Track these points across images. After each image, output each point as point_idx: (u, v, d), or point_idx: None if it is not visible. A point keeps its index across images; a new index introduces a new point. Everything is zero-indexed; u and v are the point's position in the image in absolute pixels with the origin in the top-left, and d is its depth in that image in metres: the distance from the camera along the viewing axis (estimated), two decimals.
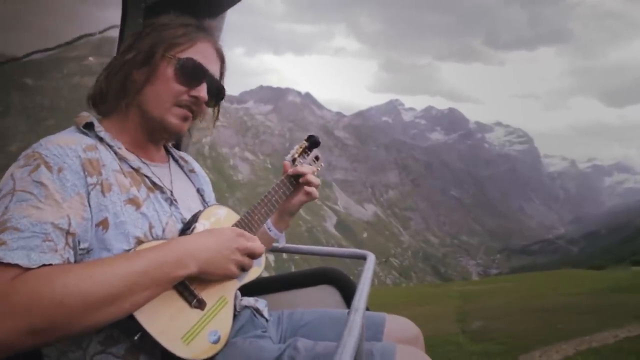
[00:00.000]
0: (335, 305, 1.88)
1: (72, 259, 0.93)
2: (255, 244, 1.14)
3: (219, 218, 1.21)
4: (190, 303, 1.02)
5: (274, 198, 1.37)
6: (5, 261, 0.82)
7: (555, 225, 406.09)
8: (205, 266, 1.02)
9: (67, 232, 0.92)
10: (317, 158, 1.56)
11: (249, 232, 1.20)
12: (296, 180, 1.45)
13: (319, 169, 1.56)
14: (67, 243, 0.92)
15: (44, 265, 0.86)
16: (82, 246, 0.96)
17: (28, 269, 0.84)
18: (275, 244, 1.57)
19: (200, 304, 1.03)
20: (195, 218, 1.15)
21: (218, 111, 1.29)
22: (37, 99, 1.99)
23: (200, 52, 1.16)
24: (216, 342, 1.04)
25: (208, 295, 1.06)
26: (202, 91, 1.16)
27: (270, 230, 1.48)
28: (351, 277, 1.95)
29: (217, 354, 1.05)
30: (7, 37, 1.61)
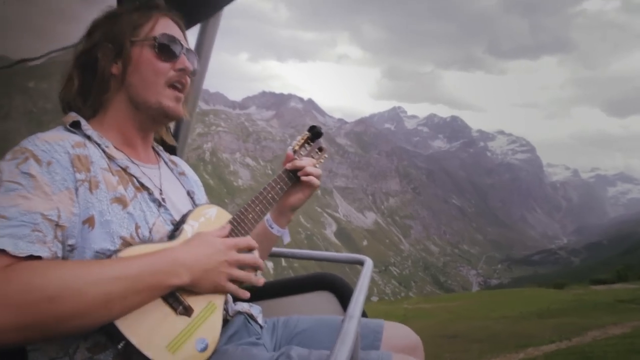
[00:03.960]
0: (332, 311, 1.84)
1: (59, 254, 0.91)
2: (247, 256, 1.11)
3: (209, 218, 1.16)
4: (175, 310, 0.98)
5: (269, 195, 1.31)
6: None
7: (558, 235, 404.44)
8: (197, 278, 1.00)
9: (57, 225, 0.90)
10: (320, 149, 1.51)
11: (241, 232, 1.18)
12: (295, 175, 1.40)
13: (323, 160, 1.51)
14: (55, 236, 0.90)
15: (32, 256, 0.84)
16: (69, 242, 0.94)
17: (16, 258, 0.83)
18: (273, 249, 1.48)
19: (187, 311, 1.00)
20: (183, 219, 1.12)
21: (195, 84, 1.22)
22: (39, 103, 1.96)
23: (164, 26, 1.15)
24: (204, 350, 1.00)
25: (195, 301, 1.02)
26: (185, 61, 1.16)
27: (272, 228, 1.42)
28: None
29: None
30: (12, 39, 1.60)
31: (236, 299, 1.24)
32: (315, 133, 1.48)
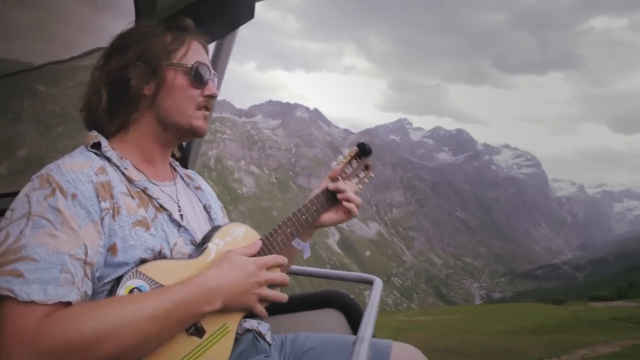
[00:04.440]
0: (340, 329, 1.82)
1: (89, 292, 0.92)
2: (276, 275, 1.12)
3: (236, 237, 1.16)
4: (187, 330, 0.98)
5: (304, 217, 1.29)
6: (24, 299, 0.81)
7: (562, 250, 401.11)
8: (228, 302, 1.02)
9: (85, 262, 0.91)
10: (367, 167, 1.46)
11: (268, 254, 1.17)
12: (334, 195, 1.36)
13: (367, 180, 1.47)
14: (85, 274, 0.90)
15: (62, 302, 0.84)
16: (97, 275, 0.95)
17: (47, 305, 0.83)
18: (291, 268, 1.46)
19: (199, 332, 1.00)
20: (208, 237, 1.13)
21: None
22: (48, 106, 1.98)
23: (196, 52, 1.18)
24: None
25: (209, 323, 1.02)
26: (213, 88, 1.20)
27: (293, 240, 1.37)
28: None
29: None
30: (25, 46, 1.61)
31: (249, 316, 1.22)
32: (363, 150, 1.42)
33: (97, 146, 1.09)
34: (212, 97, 1.20)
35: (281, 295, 1.14)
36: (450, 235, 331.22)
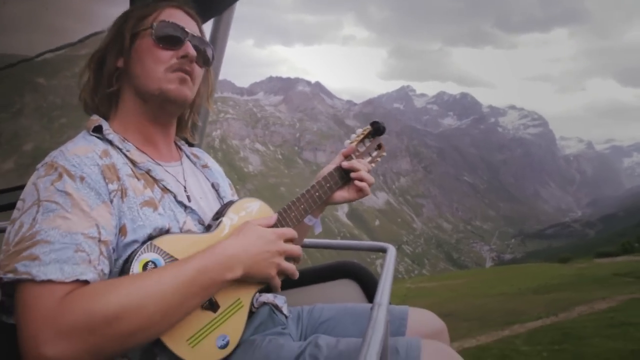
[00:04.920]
0: (355, 299, 1.85)
1: (106, 270, 0.91)
2: (293, 246, 1.13)
3: (250, 212, 1.16)
4: (202, 305, 0.98)
5: (317, 193, 1.30)
6: (41, 279, 0.81)
7: (572, 208, 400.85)
8: (249, 269, 1.02)
9: (99, 240, 0.91)
10: (379, 146, 1.47)
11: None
12: (347, 174, 1.36)
13: (380, 159, 1.48)
14: (101, 252, 0.90)
15: (79, 280, 0.84)
16: (114, 256, 0.95)
17: (67, 283, 0.83)
18: (313, 229, 1.45)
19: (213, 306, 1.00)
20: (223, 211, 1.13)
21: (211, 76, 1.28)
22: (49, 98, 1.96)
23: (169, 15, 1.13)
24: (224, 347, 1.00)
25: (223, 297, 1.02)
26: (188, 48, 1.12)
27: (306, 217, 1.37)
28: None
29: (223, 359, 1.01)
30: (19, 37, 1.60)
31: (264, 290, 1.20)
32: (376, 129, 1.42)
33: (98, 130, 1.09)
34: (187, 57, 1.12)
35: (295, 271, 1.15)
36: (459, 200, 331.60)
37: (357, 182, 1.36)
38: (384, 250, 1.61)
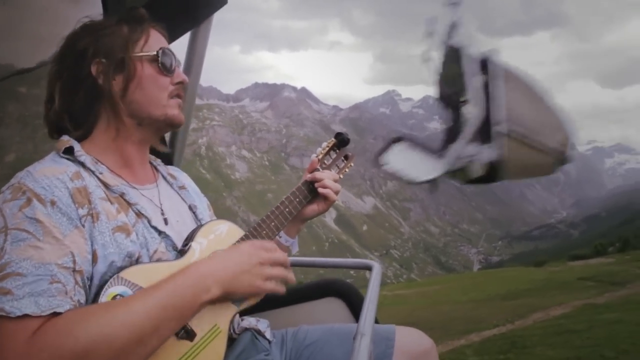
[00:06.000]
0: (342, 318, 1.80)
1: (82, 300, 0.87)
2: (278, 253, 1.09)
3: (219, 235, 1.13)
4: (177, 334, 0.93)
5: (287, 209, 1.28)
6: (16, 315, 0.78)
7: (557, 209, 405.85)
8: (229, 287, 0.97)
9: (74, 270, 0.87)
10: (346, 157, 1.47)
11: None
12: (315, 187, 1.37)
13: (347, 170, 1.48)
14: (76, 282, 0.86)
15: (55, 313, 0.81)
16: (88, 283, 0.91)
17: (41, 317, 0.79)
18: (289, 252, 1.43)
19: (189, 335, 0.95)
20: (191, 236, 1.09)
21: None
22: (32, 108, 1.92)
23: (157, 40, 1.14)
24: None
25: (199, 324, 0.97)
26: (181, 74, 1.16)
27: (280, 237, 1.38)
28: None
29: None
30: (4, 46, 1.58)
31: (242, 313, 1.16)
32: (341, 140, 1.43)
33: (69, 151, 1.03)
34: (183, 84, 1.16)
35: (289, 275, 1.10)
36: (446, 203, 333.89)
37: (320, 190, 1.36)
38: (369, 268, 1.58)
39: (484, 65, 0.91)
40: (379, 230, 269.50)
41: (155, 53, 1.10)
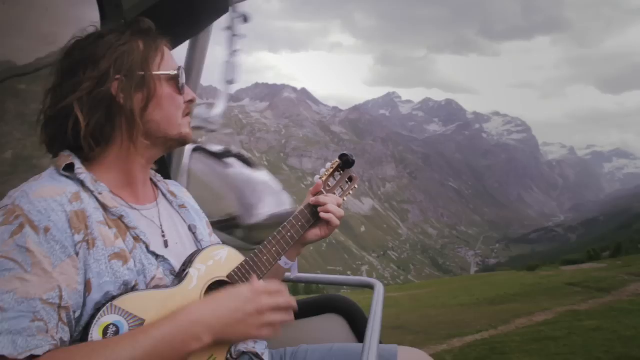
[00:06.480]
0: (343, 335, 1.75)
1: (66, 337, 0.82)
2: (282, 297, 1.01)
3: (219, 260, 1.08)
4: None
5: (289, 234, 1.24)
6: None
7: (555, 213, 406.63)
8: (220, 335, 0.91)
9: (59, 307, 0.81)
10: (350, 179, 1.43)
11: (254, 275, 1.09)
12: (318, 210, 1.33)
13: (352, 192, 1.44)
14: (60, 319, 0.81)
15: (33, 356, 0.76)
16: (75, 317, 0.86)
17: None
18: (287, 274, 1.40)
19: None
20: (189, 262, 1.04)
21: None
22: (32, 105, 1.85)
23: (170, 57, 1.11)
24: None
25: (194, 355, 0.91)
26: (192, 92, 1.15)
27: (279, 260, 1.30)
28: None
29: None
30: (5, 43, 1.56)
31: None
32: (345, 161, 1.39)
33: (69, 168, 0.98)
34: (192, 102, 1.14)
35: (290, 318, 1.04)
36: (444, 205, 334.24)
37: (322, 215, 1.31)
38: (371, 287, 1.51)
39: None
40: (377, 232, 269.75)
41: (175, 73, 1.08)
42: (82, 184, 0.97)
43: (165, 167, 1.62)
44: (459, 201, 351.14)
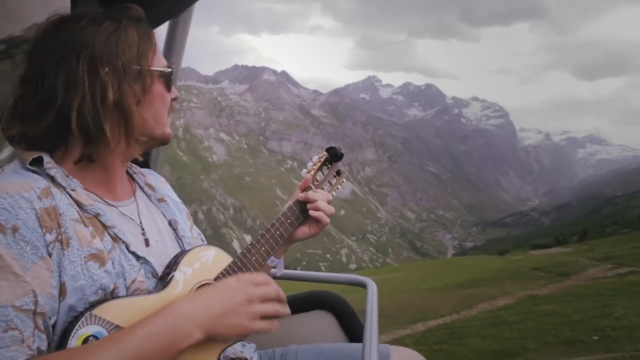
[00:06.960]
0: (332, 333, 1.71)
1: (43, 346, 0.77)
2: (270, 287, 0.96)
3: (205, 262, 1.02)
4: None
5: (278, 232, 1.19)
6: None
7: (530, 197, 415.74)
8: (212, 329, 0.86)
9: (35, 313, 0.75)
10: (338, 173, 1.38)
11: None
12: (307, 207, 1.26)
13: (340, 186, 1.39)
14: (36, 326, 0.75)
15: None
16: (51, 323, 0.80)
17: None
18: (273, 271, 1.34)
19: None
20: (174, 264, 0.98)
21: None
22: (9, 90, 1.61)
23: (159, 51, 1.02)
24: None
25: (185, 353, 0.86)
26: (175, 90, 1.07)
27: (268, 259, 1.26)
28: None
29: None
30: None
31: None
32: (333, 154, 1.34)
33: (37, 162, 0.89)
34: (176, 99, 1.08)
35: (284, 310, 0.98)
36: (423, 189, 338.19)
37: (312, 212, 1.24)
38: (364, 286, 1.48)
39: None
40: (357, 215, 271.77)
41: (169, 70, 1.01)
42: (52, 179, 0.88)
43: (145, 155, 1.49)
44: (438, 185, 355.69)
